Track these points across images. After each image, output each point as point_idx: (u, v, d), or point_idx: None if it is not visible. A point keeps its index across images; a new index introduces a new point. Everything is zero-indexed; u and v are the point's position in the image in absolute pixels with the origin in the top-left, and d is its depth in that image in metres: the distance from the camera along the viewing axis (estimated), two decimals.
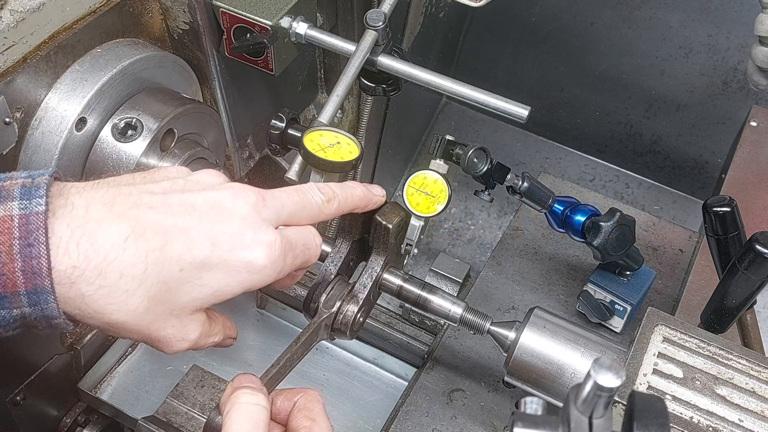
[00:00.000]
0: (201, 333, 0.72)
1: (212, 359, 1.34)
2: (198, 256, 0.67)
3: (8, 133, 0.95)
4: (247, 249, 0.69)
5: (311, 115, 1.51)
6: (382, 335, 1.36)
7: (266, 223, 0.71)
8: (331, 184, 0.82)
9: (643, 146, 2.14)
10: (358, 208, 0.86)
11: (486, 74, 2.23)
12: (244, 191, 0.72)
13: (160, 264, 0.66)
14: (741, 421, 0.85)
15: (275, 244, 0.71)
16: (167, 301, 0.67)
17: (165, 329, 0.69)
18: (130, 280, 0.64)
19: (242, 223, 0.70)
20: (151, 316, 0.67)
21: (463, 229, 2.08)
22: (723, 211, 1.01)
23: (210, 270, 0.68)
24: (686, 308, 1.20)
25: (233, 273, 0.69)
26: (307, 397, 0.76)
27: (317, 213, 0.78)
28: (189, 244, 0.67)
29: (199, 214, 0.69)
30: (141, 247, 0.65)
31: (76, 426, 1.28)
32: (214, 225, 0.69)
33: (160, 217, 0.67)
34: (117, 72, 1.02)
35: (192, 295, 0.68)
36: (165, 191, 0.70)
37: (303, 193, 0.78)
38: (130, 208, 0.66)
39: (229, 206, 0.70)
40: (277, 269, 0.72)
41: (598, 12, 1.98)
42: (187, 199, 0.70)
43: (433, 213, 1.04)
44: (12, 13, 0.91)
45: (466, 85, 1.07)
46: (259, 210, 0.72)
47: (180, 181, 0.72)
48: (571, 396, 0.63)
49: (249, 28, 1.10)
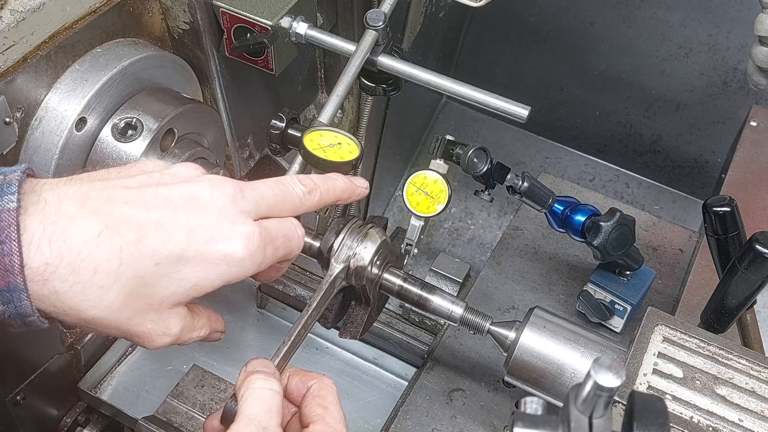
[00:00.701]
0: (183, 327, 0.71)
1: (212, 359, 1.34)
2: (174, 250, 0.66)
3: (8, 132, 0.95)
4: (224, 241, 0.68)
5: (311, 115, 1.51)
6: (382, 335, 1.36)
7: (244, 214, 0.71)
8: (312, 175, 0.81)
9: (643, 146, 2.14)
10: (341, 200, 0.85)
11: (486, 74, 2.23)
12: (221, 183, 0.71)
13: (135, 258, 0.65)
14: (741, 420, 0.85)
15: (253, 236, 0.70)
16: (144, 295, 0.67)
17: (144, 324, 0.68)
18: (104, 276, 0.64)
19: (219, 215, 0.69)
20: (128, 312, 0.66)
21: (463, 229, 2.08)
22: (723, 211, 1.01)
23: (187, 263, 0.67)
24: (686, 308, 1.20)
25: (211, 266, 0.68)
26: (321, 384, 0.76)
27: (298, 204, 0.77)
28: (165, 237, 0.66)
29: (174, 207, 0.68)
30: (115, 242, 0.64)
31: (76, 426, 1.28)
32: (191, 218, 0.68)
33: (135, 211, 0.66)
34: (117, 72, 1.02)
35: (170, 289, 0.68)
36: (140, 185, 0.69)
37: (283, 184, 0.77)
38: (104, 204, 0.66)
39: (206, 198, 0.70)
40: (256, 261, 0.71)
41: (597, 12, 1.98)
42: (163, 192, 0.69)
43: (433, 213, 1.04)
44: (12, 12, 0.91)
45: (466, 85, 1.07)
46: (237, 202, 0.71)
47: (156, 174, 0.71)
48: (571, 396, 0.63)
49: (249, 28, 1.10)
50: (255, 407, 0.68)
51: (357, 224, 0.93)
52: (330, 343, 1.43)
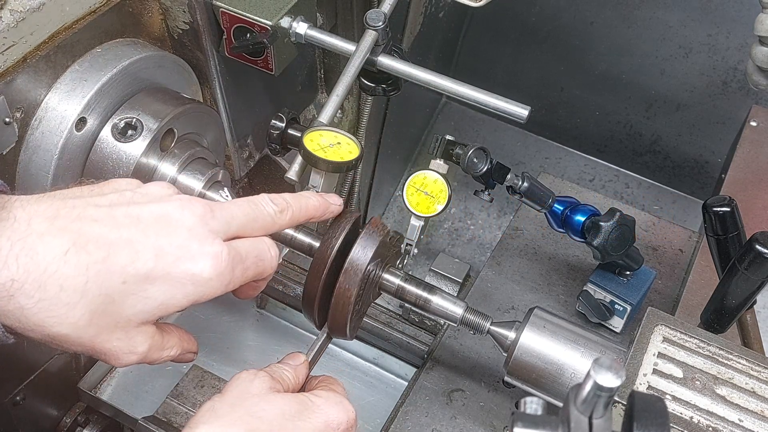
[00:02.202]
0: (150, 346, 0.72)
1: (212, 359, 1.34)
2: (141, 269, 0.67)
3: (8, 133, 0.95)
4: (191, 261, 0.69)
5: (311, 115, 1.51)
6: (382, 335, 1.36)
7: (213, 234, 0.71)
8: (285, 194, 0.82)
9: (643, 146, 2.14)
10: (315, 218, 0.86)
11: (486, 74, 2.23)
12: (191, 203, 0.72)
13: (102, 276, 0.66)
14: (741, 421, 0.85)
15: (221, 256, 0.71)
16: (111, 313, 0.67)
17: (110, 342, 0.69)
18: (70, 293, 0.64)
19: (188, 235, 0.70)
20: (94, 329, 0.67)
21: (463, 229, 2.08)
22: (723, 211, 1.01)
23: (154, 282, 0.68)
24: (686, 308, 1.20)
25: (178, 285, 0.69)
26: (330, 377, 0.82)
27: (270, 224, 0.78)
28: (133, 256, 0.67)
29: (144, 225, 0.69)
30: (82, 260, 0.65)
31: (76, 426, 1.28)
32: (160, 237, 0.69)
33: (105, 229, 0.67)
34: (117, 72, 1.02)
35: (137, 307, 0.68)
36: (111, 204, 0.70)
37: (255, 204, 0.78)
38: (73, 221, 0.67)
39: (176, 218, 0.70)
40: (224, 281, 0.71)
41: (597, 12, 1.98)
42: (133, 211, 0.70)
43: (433, 213, 1.04)
44: (12, 13, 0.91)
45: (466, 85, 1.07)
46: (207, 221, 0.71)
47: (128, 193, 0.72)
48: (571, 396, 0.63)
49: (249, 28, 1.10)
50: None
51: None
52: (330, 343, 1.43)
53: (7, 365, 1.09)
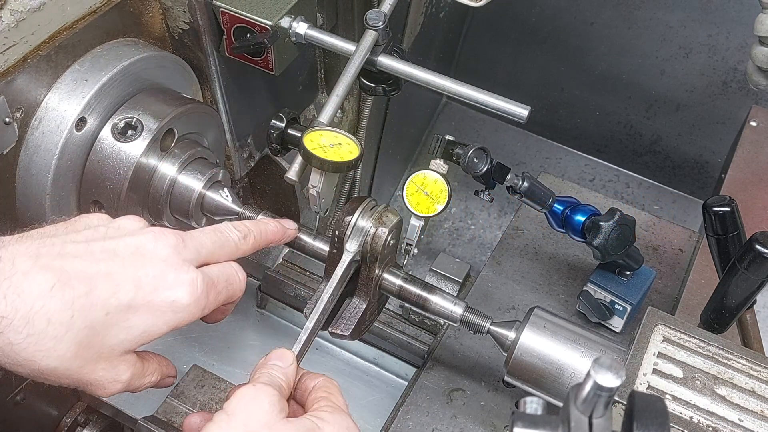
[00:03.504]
0: (133, 374, 0.75)
1: (212, 359, 1.34)
2: (123, 299, 0.70)
3: (8, 133, 0.95)
4: (170, 289, 0.73)
5: (311, 115, 1.51)
6: (382, 335, 1.36)
7: (187, 263, 0.75)
8: (246, 222, 0.87)
9: (643, 146, 2.14)
10: (273, 242, 0.92)
11: (486, 74, 2.23)
12: (164, 235, 0.76)
13: (86, 309, 0.68)
14: (741, 420, 0.85)
15: (197, 283, 0.74)
16: (96, 344, 0.70)
17: (96, 372, 0.71)
18: (57, 327, 0.67)
19: (164, 265, 0.74)
20: (80, 361, 0.70)
21: (463, 229, 2.08)
22: (723, 211, 1.01)
23: (136, 312, 0.71)
24: (686, 308, 1.20)
25: (158, 313, 0.72)
26: (327, 380, 0.83)
27: (234, 250, 0.83)
28: (113, 288, 0.70)
29: (121, 259, 0.72)
30: (67, 295, 0.68)
31: (76, 426, 1.28)
32: (138, 268, 0.72)
33: (85, 264, 0.70)
34: (117, 72, 1.02)
35: (120, 337, 0.71)
36: (87, 239, 0.73)
37: (220, 232, 0.83)
38: (55, 259, 0.69)
39: (151, 249, 0.74)
40: (200, 306, 0.75)
41: (598, 12, 1.98)
42: (109, 245, 0.73)
43: (433, 213, 1.04)
44: (12, 12, 0.91)
45: (466, 85, 1.07)
46: (180, 251, 0.75)
47: (101, 228, 0.76)
48: (571, 396, 0.63)
49: (249, 28, 1.10)
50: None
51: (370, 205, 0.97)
52: (330, 343, 1.43)
53: None
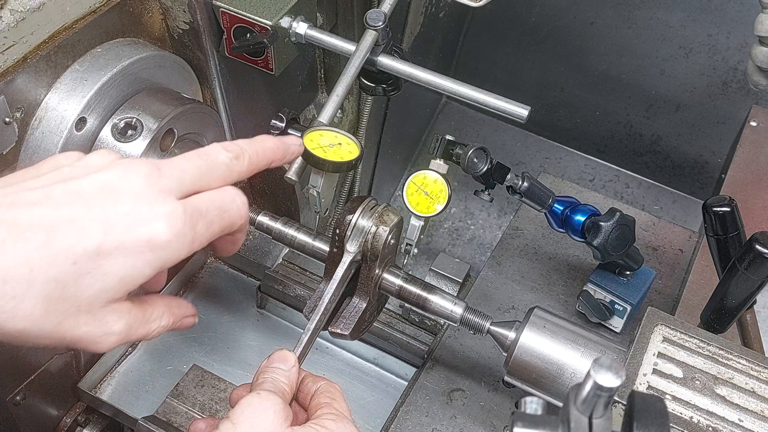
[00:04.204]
0: (129, 323, 0.68)
1: (212, 359, 1.34)
2: (90, 245, 0.63)
3: (8, 133, 0.95)
4: (145, 224, 0.65)
5: (311, 115, 1.51)
6: (382, 335, 1.36)
7: (164, 194, 0.67)
8: (238, 140, 0.77)
9: (643, 146, 2.14)
10: (275, 161, 0.80)
11: (486, 74, 2.23)
12: (134, 165, 0.67)
13: (47, 261, 0.61)
14: (741, 421, 0.85)
15: (176, 214, 0.66)
16: (69, 297, 0.63)
17: (78, 328, 0.64)
18: (14, 285, 0.60)
19: (136, 199, 0.65)
20: (54, 317, 0.63)
21: (463, 229, 2.08)
22: (723, 211, 1.01)
23: (108, 256, 0.63)
24: (686, 308, 1.20)
25: (136, 254, 0.64)
26: (329, 384, 0.81)
27: (227, 173, 0.74)
28: (78, 234, 0.63)
29: (86, 199, 0.65)
30: (20, 249, 0.61)
31: (76, 426, 1.28)
32: (105, 207, 0.64)
33: (41, 211, 0.63)
34: (117, 72, 1.02)
35: (95, 287, 0.64)
36: (47, 184, 0.66)
37: (206, 155, 0.73)
38: (7, 210, 0.63)
39: (120, 184, 0.66)
40: (186, 241, 0.67)
41: (597, 12, 1.98)
42: (71, 186, 0.65)
43: (433, 213, 1.04)
44: (12, 12, 0.91)
45: (466, 85, 1.07)
46: (154, 182, 0.67)
47: (66, 168, 0.68)
48: (571, 396, 0.63)
49: (249, 28, 1.10)
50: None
51: (371, 205, 0.96)
52: (330, 343, 1.42)
53: (7, 365, 1.09)
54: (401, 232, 1.02)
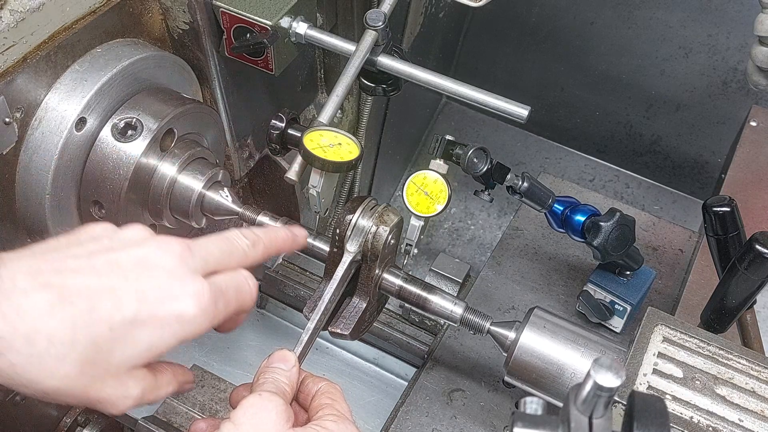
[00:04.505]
0: (144, 388, 0.73)
1: (212, 359, 1.34)
2: (127, 314, 0.68)
3: (8, 133, 0.95)
4: (175, 301, 0.70)
5: (311, 115, 1.51)
6: (382, 335, 1.36)
7: (193, 273, 0.73)
8: (255, 228, 0.85)
9: (643, 146, 2.14)
10: (283, 250, 0.89)
11: (486, 74, 2.23)
12: (168, 244, 0.74)
13: (89, 326, 0.66)
14: (741, 420, 0.85)
15: (203, 293, 0.72)
16: (101, 362, 0.68)
17: (103, 390, 0.69)
18: (59, 347, 0.65)
19: (169, 276, 0.71)
20: (86, 380, 0.68)
21: (463, 229, 2.08)
22: (723, 211, 1.01)
23: (140, 326, 0.69)
24: (686, 308, 1.20)
25: (164, 326, 0.70)
26: (330, 384, 0.82)
27: (243, 258, 0.80)
28: (116, 303, 0.68)
29: (124, 271, 0.70)
30: (67, 313, 0.66)
31: (76, 426, 1.28)
32: (141, 281, 0.70)
33: (86, 279, 0.68)
34: (117, 72, 1.02)
35: (126, 353, 0.69)
36: (89, 253, 0.71)
37: (228, 239, 0.80)
38: (55, 275, 0.68)
39: (155, 260, 0.72)
40: (209, 317, 0.73)
41: (597, 12, 1.98)
42: (112, 258, 0.71)
43: (432, 213, 1.04)
44: (12, 13, 0.91)
45: (466, 85, 1.07)
46: (186, 260, 0.73)
47: (105, 240, 0.74)
48: (571, 396, 0.63)
49: (249, 28, 1.10)
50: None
51: (371, 205, 0.96)
52: (330, 343, 1.43)
53: None
54: (401, 232, 1.02)
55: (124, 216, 1.04)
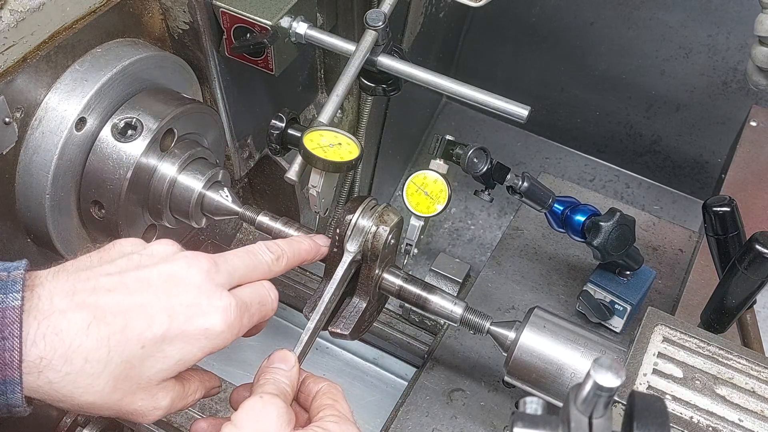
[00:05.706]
0: (173, 398, 0.76)
1: (212, 359, 1.34)
2: (158, 331, 0.71)
3: (8, 133, 0.95)
4: (204, 316, 0.73)
5: (311, 115, 1.51)
6: (382, 335, 1.36)
7: (220, 288, 0.76)
8: (279, 241, 0.87)
9: (643, 146, 2.14)
10: (307, 261, 0.92)
11: (486, 74, 2.23)
12: (197, 260, 0.76)
13: (122, 345, 0.69)
14: (741, 420, 0.85)
15: (230, 309, 0.75)
16: (133, 377, 0.71)
17: (135, 403, 0.73)
18: (95, 364, 0.68)
19: (197, 292, 0.74)
20: (119, 394, 0.71)
21: (463, 229, 2.08)
22: (723, 211, 1.01)
23: (171, 342, 0.72)
24: (686, 308, 1.20)
25: (193, 341, 0.73)
26: (331, 385, 0.83)
27: (267, 271, 0.84)
28: (148, 321, 0.71)
29: (155, 288, 0.73)
30: (102, 332, 0.69)
31: (76, 426, 1.28)
32: (171, 297, 0.73)
33: (119, 297, 0.71)
34: (117, 72, 1.02)
35: (156, 368, 0.72)
36: (121, 270, 0.74)
37: (253, 254, 0.83)
38: (90, 294, 0.70)
39: (183, 276, 0.74)
40: (234, 331, 0.76)
41: (598, 12, 1.98)
42: (143, 275, 0.74)
43: (433, 213, 1.04)
44: (12, 13, 0.91)
45: (466, 85, 1.07)
46: (213, 276, 0.76)
47: (135, 256, 0.76)
48: (571, 396, 0.63)
49: (249, 28, 1.10)
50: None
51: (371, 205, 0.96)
52: (330, 343, 1.43)
53: None
54: (401, 232, 1.02)
55: (124, 216, 1.04)
